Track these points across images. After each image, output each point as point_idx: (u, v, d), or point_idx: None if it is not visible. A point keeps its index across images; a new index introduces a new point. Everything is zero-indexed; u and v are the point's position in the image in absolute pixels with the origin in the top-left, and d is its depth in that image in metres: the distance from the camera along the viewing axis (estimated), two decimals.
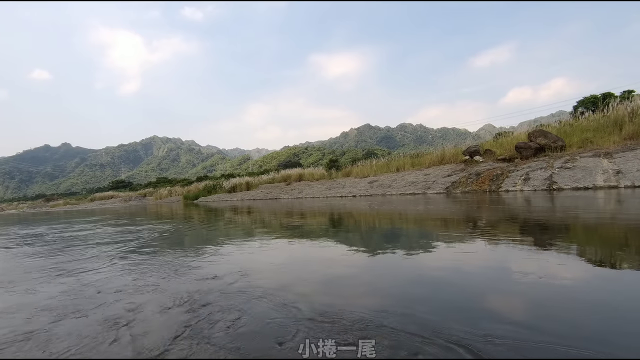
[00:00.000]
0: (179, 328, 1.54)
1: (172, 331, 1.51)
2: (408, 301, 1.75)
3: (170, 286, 2.25)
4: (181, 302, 1.88)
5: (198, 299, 1.92)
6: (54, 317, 1.78)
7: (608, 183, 8.99)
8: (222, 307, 1.77)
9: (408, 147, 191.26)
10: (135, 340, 1.43)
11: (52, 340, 1.49)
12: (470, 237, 3.61)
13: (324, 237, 4.31)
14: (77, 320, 1.72)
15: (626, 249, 2.69)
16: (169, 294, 2.06)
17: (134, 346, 1.39)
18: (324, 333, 1.39)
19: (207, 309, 1.75)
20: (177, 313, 1.74)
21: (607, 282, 1.94)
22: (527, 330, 1.36)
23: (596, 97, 18.37)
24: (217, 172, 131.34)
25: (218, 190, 28.34)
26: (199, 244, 4.38)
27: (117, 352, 1.35)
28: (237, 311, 1.70)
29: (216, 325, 1.54)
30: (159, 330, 1.54)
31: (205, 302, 1.87)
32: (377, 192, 15.02)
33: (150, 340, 1.43)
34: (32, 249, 4.48)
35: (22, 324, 1.73)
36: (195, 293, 2.04)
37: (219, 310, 1.72)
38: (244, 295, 1.96)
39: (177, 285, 2.28)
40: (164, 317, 1.70)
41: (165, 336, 1.46)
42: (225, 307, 1.78)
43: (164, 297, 2.01)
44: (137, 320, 1.66)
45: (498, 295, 1.84)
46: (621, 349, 1.21)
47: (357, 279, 2.28)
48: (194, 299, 1.93)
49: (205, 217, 9.39)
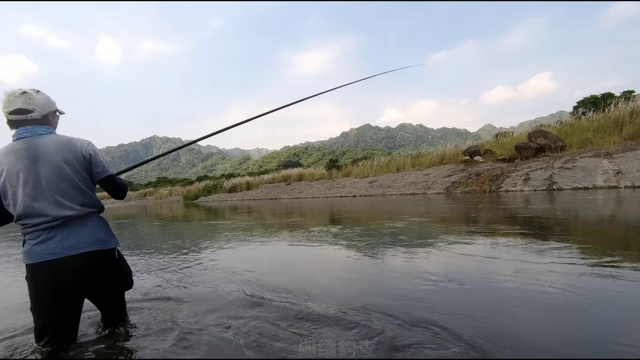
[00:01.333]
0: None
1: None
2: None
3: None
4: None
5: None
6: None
7: (608, 183, 8.98)
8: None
9: (408, 147, 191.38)
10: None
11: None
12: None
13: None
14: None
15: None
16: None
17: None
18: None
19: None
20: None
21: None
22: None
23: (596, 97, 18.35)
24: (217, 172, 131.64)
25: (218, 190, 28.35)
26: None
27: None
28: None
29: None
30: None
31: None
32: (377, 192, 15.02)
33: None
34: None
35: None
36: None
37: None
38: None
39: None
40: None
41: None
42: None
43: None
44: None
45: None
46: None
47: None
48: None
49: (233, 216, 9.37)
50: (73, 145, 1.39)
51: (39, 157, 1.33)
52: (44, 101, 1.40)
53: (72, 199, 1.37)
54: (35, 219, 1.32)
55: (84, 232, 1.39)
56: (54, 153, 1.35)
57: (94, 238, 1.41)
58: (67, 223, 1.36)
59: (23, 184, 1.31)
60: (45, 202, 1.32)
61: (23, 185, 1.31)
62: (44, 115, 1.40)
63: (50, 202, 1.33)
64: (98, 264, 1.42)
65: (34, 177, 1.32)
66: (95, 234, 1.42)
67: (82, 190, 1.40)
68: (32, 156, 1.32)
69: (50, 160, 1.34)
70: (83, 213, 1.40)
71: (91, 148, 1.44)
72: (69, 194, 1.37)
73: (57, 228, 1.34)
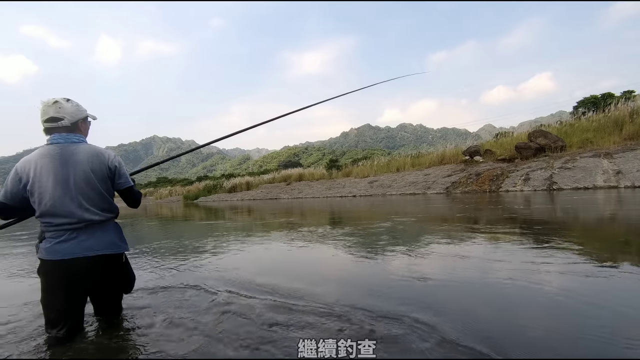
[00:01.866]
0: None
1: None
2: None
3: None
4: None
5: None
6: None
7: (608, 183, 8.99)
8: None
9: (408, 147, 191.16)
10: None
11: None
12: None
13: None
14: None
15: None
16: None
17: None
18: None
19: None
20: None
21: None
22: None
23: (596, 97, 18.35)
24: (217, 172, 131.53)
25: (218, 190, 28.35)
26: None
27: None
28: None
29: None
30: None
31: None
32: (377, 192, 15.02)
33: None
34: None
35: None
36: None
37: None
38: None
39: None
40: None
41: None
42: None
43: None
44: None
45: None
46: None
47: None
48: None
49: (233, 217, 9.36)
50: (102, 157, 1.52)
51: (71, 163, 1.45)
52: (73, 109, 1.51)
53: (96, 205, 1.49)
54: (60, 219, 1.42)
55: (102, 236, 1.51)
56: (84, 161, 1.47)
57: (109, 242, 1.53)
58: (89, 226, 1.48)
59: (52, 185, 1.41)
60: (72, 205, 1.43)
61: (52, 186, 1.41)
62: (74, 122, 1.51)
63: (76, 205, 1.44)
64: (107, 266, 1.53)
65: (63, 181, 1.43)
66: (110, 238, 1.55)
67: (104, 197, 1.53)
68: (64, 161, 1.44)
69: (80, 168, 1.45)
70: (104, 218, 1.52)
71: (117, 160, 1.57)
72: (93, 200, 1.48)
73: (80, 230, 1.46)
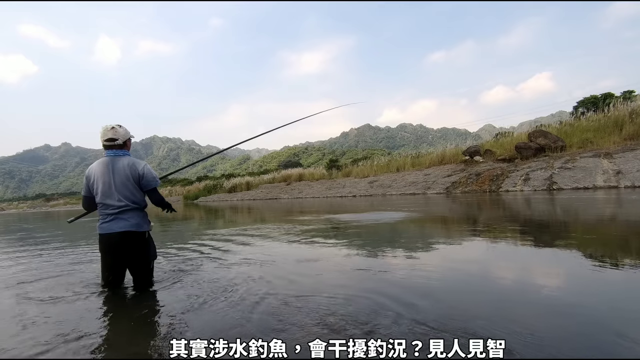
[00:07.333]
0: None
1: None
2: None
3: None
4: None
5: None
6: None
7: (608, 183, 8.99)
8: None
9: (408, 147, 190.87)
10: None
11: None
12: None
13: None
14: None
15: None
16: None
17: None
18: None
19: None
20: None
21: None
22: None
23: (596, 97, 18.35)
24: (217, 172, 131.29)
25: (218, 190, 28.36)
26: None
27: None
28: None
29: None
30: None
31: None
32: (377, 192, 15.02)
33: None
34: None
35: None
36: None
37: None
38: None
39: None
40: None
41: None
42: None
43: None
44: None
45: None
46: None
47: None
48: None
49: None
50: (135, 166, 2.15)
51: (116, 170, 2.12)
52: (124, 132, 2.18)
53: (128, 199, 2.14)
54: (105, 208, 2.12)
55: (131, 219, 2.13)
56: (125, 169, 2.13)
57: (135, 223, 2.14)
58: (123, 212, 2.12)
59: (102, 185, 2.11)
60: (112, 198, 2.11)
61: (102, 186, 2.11)
62: (124, 141, 2.18)
63: (115, 199, 2.11)
64: (132, 240, 2.14)
65: (109, 182, 2.11)
66: (137, 221, 2.16)
67: (134, 194, 2.17)
68: (112, 169, 2.12)
69: (120, 174, 2.12)
70: (133, 207, 2.15)
71: (146, 169, 2.19)
72: (126, 196, 2.13)
73: (116, 215, 2.11)
